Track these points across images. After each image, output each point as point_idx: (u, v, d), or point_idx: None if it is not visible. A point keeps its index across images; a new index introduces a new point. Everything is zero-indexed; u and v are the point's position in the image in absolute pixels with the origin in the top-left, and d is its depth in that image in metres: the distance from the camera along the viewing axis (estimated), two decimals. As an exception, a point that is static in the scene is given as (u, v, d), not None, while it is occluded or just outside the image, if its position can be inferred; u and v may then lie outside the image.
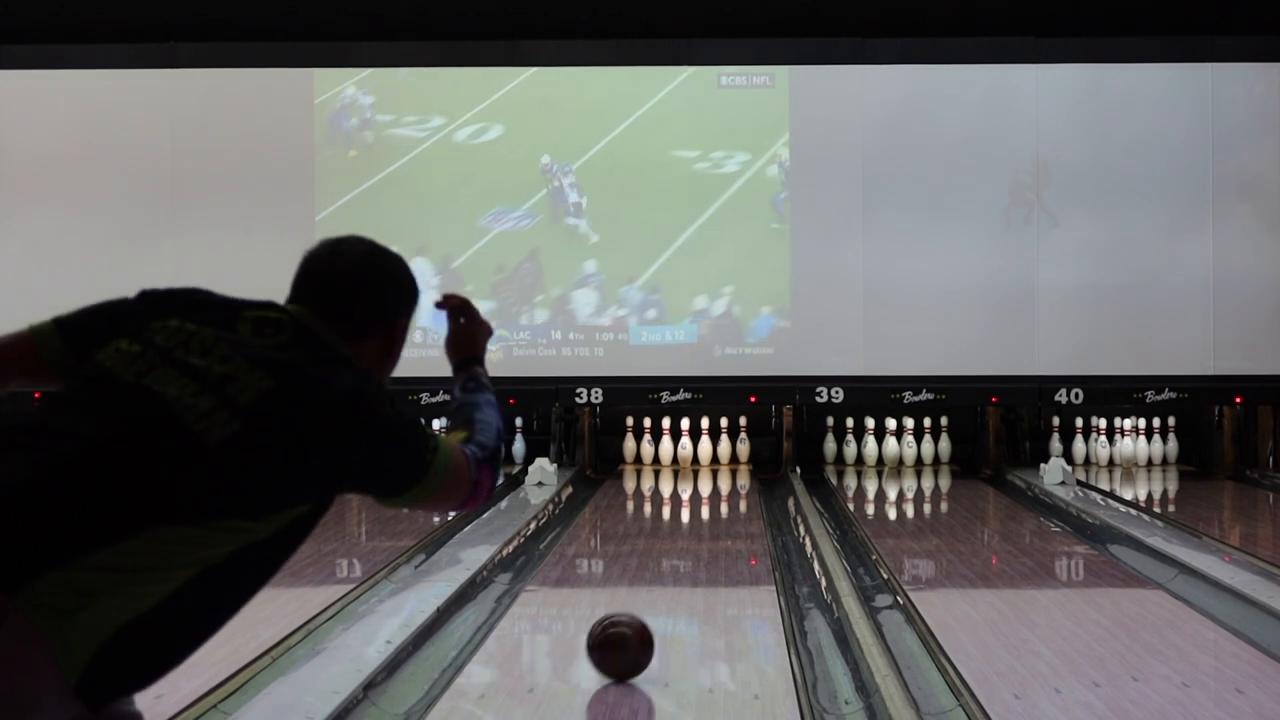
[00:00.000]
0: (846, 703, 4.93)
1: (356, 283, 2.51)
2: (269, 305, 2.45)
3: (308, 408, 2.29)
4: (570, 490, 10.27)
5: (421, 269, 11.12)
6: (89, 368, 2.33)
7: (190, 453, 2.20)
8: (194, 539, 2.17)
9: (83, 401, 2.27)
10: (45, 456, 2.16)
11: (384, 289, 2.54)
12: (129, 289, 2.50)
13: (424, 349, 11.08)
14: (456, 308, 2.83)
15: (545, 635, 6.03)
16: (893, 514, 9.74)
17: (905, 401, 11.11)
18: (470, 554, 7.33)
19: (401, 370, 9.29)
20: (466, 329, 2.82)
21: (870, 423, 11.76)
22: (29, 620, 2.06)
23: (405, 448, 2.42)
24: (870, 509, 9.76)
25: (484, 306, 10.96)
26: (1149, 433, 11.65)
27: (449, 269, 11.19)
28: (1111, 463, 11.60)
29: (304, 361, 2.35)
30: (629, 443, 11.80)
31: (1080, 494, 9.77)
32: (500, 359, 11.11)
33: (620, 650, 4.96)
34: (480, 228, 11.24)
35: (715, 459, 11.79)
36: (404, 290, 2.57)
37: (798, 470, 11.13)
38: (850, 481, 11.02)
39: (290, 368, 2.32)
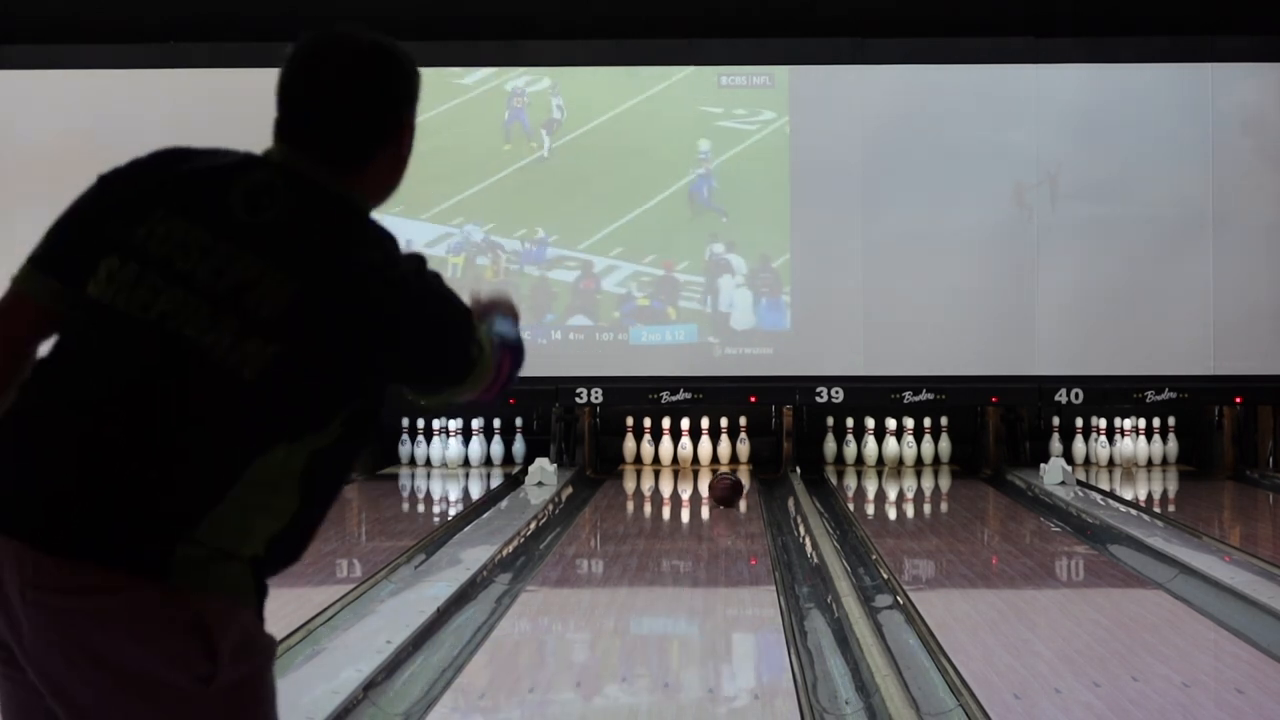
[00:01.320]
0: (846, 703, 4.93)
1: (347, 97, 2.18)
2: (255, 163, 2.18)
3: (344, 302, 2.08)
4: (570, 490, 10.27)
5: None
6: (87, 307, 2.12)
7: (228, 392, 2.05)
8: (272, 463, 2.08)
9: (97, 363, 2.09)
10: (92, 436, 2.04)
11: (381, 91, 2.20)
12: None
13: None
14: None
15: (545, 635, 6.03)
16: (893, 514, 9.74)
17: (905, 401, 11.11)
18: (470, 554, 7.33)
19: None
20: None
21: (870, 423, 11.75)
22: (188, 588, 2.03)
23: (449, 333, 2.18)
24: (870, 509, 9.76)
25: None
26: (1149, 433, 11.64)
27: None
28: (1111, 463, 11.60)
29: (320, 239, 2.11)
30: (629, 443, 11.80)
31: (1080, 494, 9.77)
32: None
33: (719, 492, 9.33)
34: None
35: (715, 459, 11.79)
36: (403, 80, 2.23)
37: (798, 470, 11.13)
38: (850, 481, 11.01)
39: (307, 262, 2.08)
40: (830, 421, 11.81)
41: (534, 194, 11.04)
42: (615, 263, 11.09)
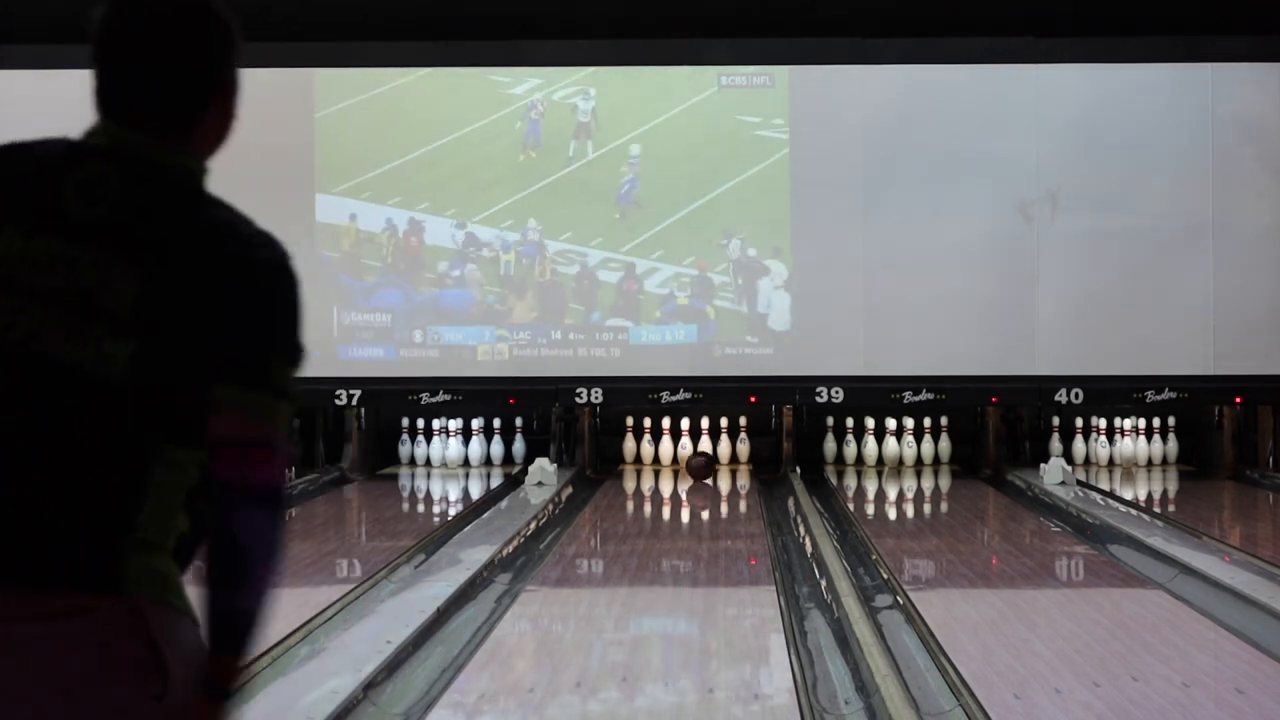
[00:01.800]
0: (846, 703, 4.93)
1: (168, 56, 2.07)
2: (82, 152, 2.07)
3: (186, 268, 2.01)
4: (570, 490, 10.27)
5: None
6: None
7: (101, 399, 1.98)
8: (171, 462, 2.03)
9: None
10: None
11: (202, 46, 2.10)
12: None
13: (423, 349, 11.08)
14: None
15: (545, 635, 6.03)
16: (893, 514, 9.74)
17: (905, 401, 11.11)
18: (470, 554, 7.33)
19: (401, 370, 9.39)
20: None
21: (870, 423, 11.75)
22: (145, 595, 1.98)
23: (283, 315, 2.05)
24: (870, 509, 9.76)
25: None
26: (1149, 433, 11.64)
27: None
28: (1111, 463, 11.60)
29: (158, 219, 2.02)
30: (629, 443, 11.80)
31: (1080, 494, 9.77)
32: (501, 359, 11.10)
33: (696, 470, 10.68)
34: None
35: (715, 459, 11.78)
36: (224, 31, 2.11)
37: (798, 470, 11.13)
38: (850, 481, 11.01)
39: (150, 249, 2.00)
40: (830, 421, 11.81)
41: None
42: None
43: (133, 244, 2.01)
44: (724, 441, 11.78)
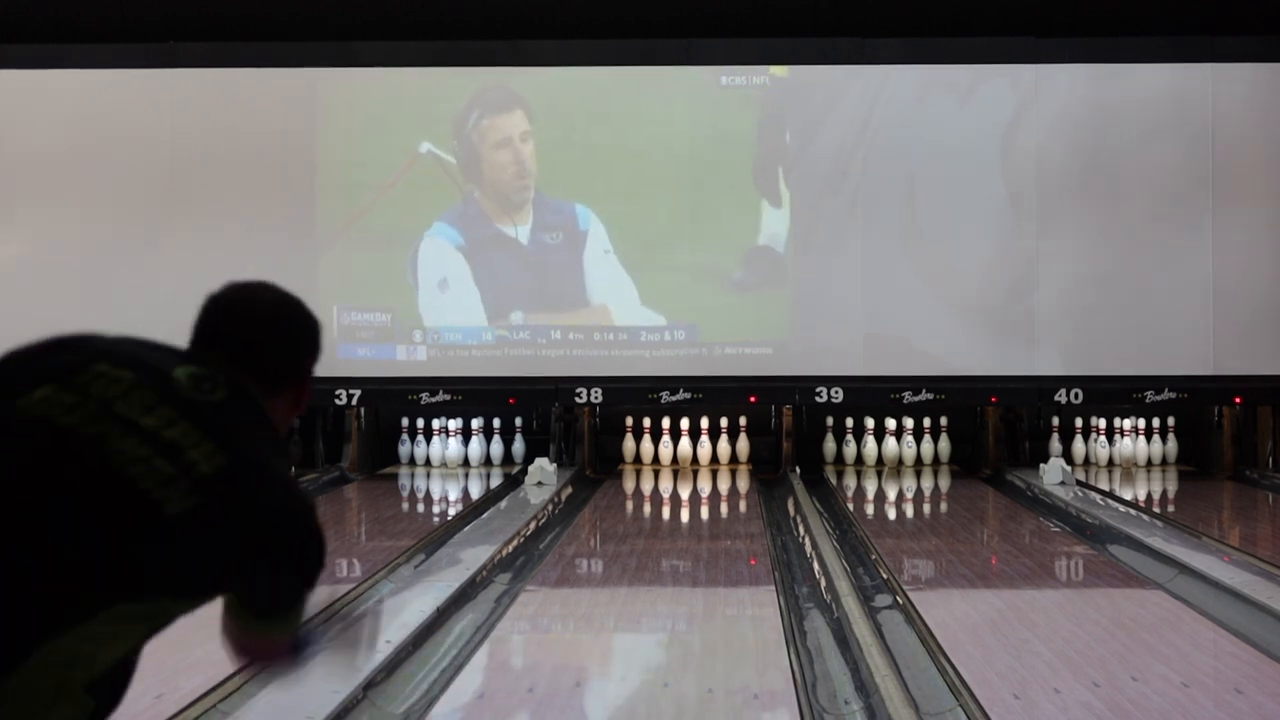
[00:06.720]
0: (846, 703, 4.93)
1: (273, 334, 2.37)
2: (197, 356, 2.29)
3: (255, 496, 2.17)
4: (570, 490, 10.27)
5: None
6: (7, 418, 2.09)
7: (149, 522, 2.05)
8: (139, 614, 2.07)
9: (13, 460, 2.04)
10: None
11: (298, 339, 2.41)
12: (129, 289, 2.42)
13: (423, 348, 11.08)
14: None
15: (545, 635, 6.03)
16: (892, 514, 9.74)
17: (905, 401, 11.11)
18: (470, 554, 7.33)
19: (401, 370, 9.39)
20: None
21: (870, 423, 11.76)
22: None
23: (300, 570, 2.27)
24: (870, 509, 9.75)
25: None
26: (1149, 433, 11.65)
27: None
28: (1111, 463, 11.60)
29: (248, 435, 2.22)
30: (629, 443, 11.81)
31: (1080, 494, 9.77)
32: (500, 358, 11.11)
33: None
34: None
35: (715, 459, 11.79)
36: (315, 338, 2.44)
37: (797, 470, 11.13)
38: (850, 481, 11.01)
39: (238, 446, 2.17)
40: (830, 421, 11.82)
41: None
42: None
43: (225, 438, 2.16)
44: (724, 441, 11.78)
